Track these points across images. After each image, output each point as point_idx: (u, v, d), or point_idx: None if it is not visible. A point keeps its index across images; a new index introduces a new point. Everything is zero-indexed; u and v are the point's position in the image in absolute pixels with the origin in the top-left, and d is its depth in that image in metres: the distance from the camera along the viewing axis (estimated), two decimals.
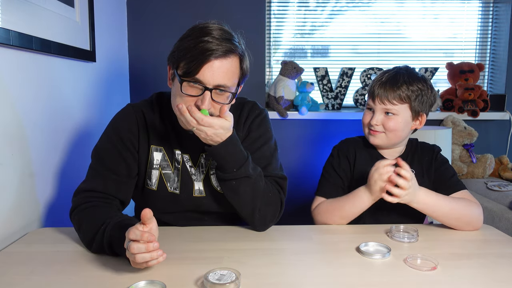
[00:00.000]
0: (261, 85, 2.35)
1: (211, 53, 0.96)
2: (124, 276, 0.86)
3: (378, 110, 1.21)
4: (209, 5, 2.26)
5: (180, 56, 1.00)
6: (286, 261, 0.96)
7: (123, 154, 1.09)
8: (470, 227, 1.14)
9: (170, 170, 1.14)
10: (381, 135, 1.21)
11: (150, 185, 1.14)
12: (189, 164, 1.15)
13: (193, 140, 1.06)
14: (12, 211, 1.12)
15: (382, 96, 1.19)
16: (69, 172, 1.47)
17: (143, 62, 2.26)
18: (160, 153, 1.13)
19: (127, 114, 1.14)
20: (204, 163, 1.15)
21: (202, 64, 0.96)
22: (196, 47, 0.97)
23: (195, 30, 1.01)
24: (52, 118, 1.34)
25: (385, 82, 1.20)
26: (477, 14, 2.53)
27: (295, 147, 2.41)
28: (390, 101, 1.18)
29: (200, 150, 1.13)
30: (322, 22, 2.52)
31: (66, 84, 1.46)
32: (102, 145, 1.13)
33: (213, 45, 0.96)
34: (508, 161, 2.38)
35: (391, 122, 1.19)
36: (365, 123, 1.25)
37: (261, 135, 1.17)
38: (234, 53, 1.01)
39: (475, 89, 2.33)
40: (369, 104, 1.23)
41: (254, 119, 1.18)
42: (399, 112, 1.19)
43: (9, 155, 1.10)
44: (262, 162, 1.13)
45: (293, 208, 2.45)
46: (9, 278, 0.86)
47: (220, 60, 0.98)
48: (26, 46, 1.15)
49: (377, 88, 1.20)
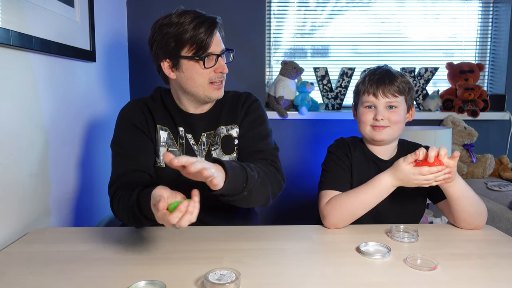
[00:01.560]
0: (261, 85, 2.35)
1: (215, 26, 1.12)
2: (124, 276, 0.86)
3: (381, 104, 1.21)
4: (209, 5, 2.26)
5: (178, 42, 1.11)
6: (286, 261, 0.96)
7: (139, 135, 1.19)
8: (479, 222, 1.15)
9: (175, 147, 1.22)
10: (386, 129, 1.21)
11: (159, 162, 1.21)
12: (191, 142, 1.23)
13: (195, 120, 1.22)
14: (12, 211, 1.12)
15: (385, 90, 1.20)
16: (70, 171, 1.47)
17: (144, 62, 2.26)
18: (165, 132, 1.22)
19: (131, 104, 1.25)
20: (205, 141, 1.23)
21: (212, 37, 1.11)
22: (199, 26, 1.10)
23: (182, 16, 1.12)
24: (52, 118, 1.34)
25: (383, 77, 1.21)
26: (477, 14, 2.53)
27: (295, 147, 2.41)
28: (392, 94, 1.20)
29: (202, 130, 1.23)
30: (322, 22, 2.52)
31: (66, 84, 1.46)
32: (117, 134, 1.21)
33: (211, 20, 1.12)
34: (508, 161, 2.38)
35: (395, 115, 1.21)
36: (366, 121, 1.23)
37: (258, 116, 1.26)
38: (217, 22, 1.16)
39: (475, 89, 2.33)
40: (368, 101, 1.22)
41: (251, 103, 1.27)
42: (399, 104, 1.21)
43: (9, 155, 1.10)
44: (258, 139, 1.22)
45: (293, 208, 2.45)
46: (9, 278, 0.86)
47: (218, 29, 1.15)
48: (26, 46, 1.15)
49: (375, 84, 1.21)
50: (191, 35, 1.10)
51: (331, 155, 1.29)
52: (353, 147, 1.29)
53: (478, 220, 1.15)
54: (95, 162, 1.68)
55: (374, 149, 1.28)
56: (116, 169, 1.16)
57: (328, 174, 1.25)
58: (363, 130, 1.25)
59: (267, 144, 1.23)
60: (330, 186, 1.21)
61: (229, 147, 1.24)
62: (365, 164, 1.27)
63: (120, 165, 1.16)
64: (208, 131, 1.24)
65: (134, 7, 2.25)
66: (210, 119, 1.24)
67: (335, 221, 1.15)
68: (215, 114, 1.25)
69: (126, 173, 1.13)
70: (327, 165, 1.28)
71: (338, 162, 1.26)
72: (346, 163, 1.26)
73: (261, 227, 1.20)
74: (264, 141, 1.23)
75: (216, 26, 1.13)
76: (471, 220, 1.15)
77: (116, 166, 1.17)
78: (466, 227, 1.16)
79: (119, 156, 1.18)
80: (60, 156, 1.40)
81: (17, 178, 1.14)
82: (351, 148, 1.28)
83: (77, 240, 1.06)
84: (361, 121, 1.25)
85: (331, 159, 1.28)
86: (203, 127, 1.23)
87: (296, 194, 2.38)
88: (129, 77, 2.28)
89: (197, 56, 1.12)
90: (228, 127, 1.24)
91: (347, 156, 1.27)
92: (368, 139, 1.26)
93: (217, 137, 1.23)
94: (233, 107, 1.26)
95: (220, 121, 1.24)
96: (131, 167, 1.14)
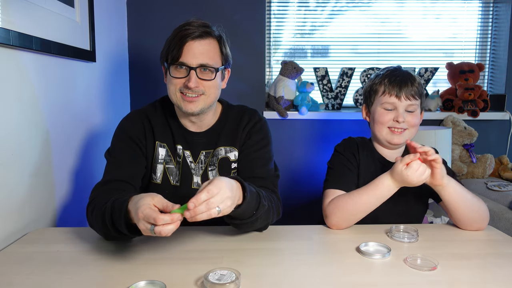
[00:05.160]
0: (261, 85, 2.35)
1: (187, 35, 1.08)
2: (124, 276, 0.86)
3: (402, 107, 1.19)
4: (209, 5, 2.26)
5: (165, 50, 1.12)
6: (286, 261, 0.96)
7: (133, 148, 1.17)
8: (480, 224, 1.15)
9: (172, 164, 1.20)
10: (405, 132, 1.20)
11: (155, 179, 1.21)
12: (189, 160, 1.20)
13: (194, 137, 1.19)
14: (12, 211, 1.12)
15: (407, 92, 1.18)
16: (69, 171, 1.47)
17: (144, 62, 2.26)
18: (164, 148, 1.20)
19: (132, 116, 1.22)
20: (203, 160, 1.21)
21: (182, 46, 1.08)
22: (176, 36, 1.10)
23: (175, 28, 1.13)
24: (52, 118, 1.34)
25: (405, 79, 1.19)
26: (477, 14, 2.53)
27: (295, 147, 2.41)
28: (413, 96, 1.19)
29: (200, 148, 1.20)
30: (322, 22, 2.52)
31: (66, 84, 1.46)
32: (113, 145, 1.20)
33: (190, 30, 1.09)
34: (508, 161, 2.38)
35: (414, 118, 1.20)
36: (385, 122, 1.20)
37: (261, 139, 1.21)
38: (211, 35, 1.12)
39: (475, 89, 2.33)
40: (389, 102, 1.19)
41: (255, 124, 1.22)
42: (417, 107, 1.21)
43: (9, 155, 1.10)
44: (259, 162, 1.18)
45: (293, 208, 2.45)
46: (9, 278, 0.86)
47: (198, 41, 1.09)
48: (26, 46, 1.15)
49: (398, 85, 1.18)
50: (170, 42, 1.11)
51: (339, 155, 1.27)
52: (361, 148, 1.27)
53: (476, 223, 1.15)
54: (95, 162, 1.68)
55: (382, 151, 1.27)
56: (104, 177, 1.15)
57: (334, 173, 1.23)
58: (379, 132, 1.22)
59: (268, 170, 1.19)
60: (335, 185, 1.20)
61: (225, 170, 1.20)
62: (372, 166, 1.25)
63: (108, 173, 1.14)
64: (207, 149, 1.20)
65: (134, 7, 2.24)
66: (210, 136, 1.20)
67: (337, 222, 1.14)
68: (216, 132, 1.21)
69: (112, 181, 1.11)
70: (334, 164, 1.26)
71: (345, 162, 1.24)
72: (353, 163, 1.24)
73: None
74: (266, 166, 1.19)
75: (199, 36, 1.09)
76: (469, 223, 1.14)
77: (105, 174, 1.16)
78: (466, 228, 1.16)
79: (109, 164, 1.16)
80: (60, 156, 1.40)
81: (17, 178, 1.14)
82: (360, 149, 1.26)
83: (77, 240, 1.06)
84: (378, 122, 1.21)
85: (338, 158, 1.26)
86: (202, 145, 1.20)
87: (296, 194, 2.38)
88: (129, 77, 2.28)
89: (169, 64, 1.11)
90: (227, 149, 1.20)
91: (355, 156, 1.25)
92: (383, 141, 1.23)
93: (215, 158, 1.20)
94: (234, 127, 1.21)
95: (219, 141, 1.20)
96: (118, 176, 1.12)
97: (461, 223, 1.15)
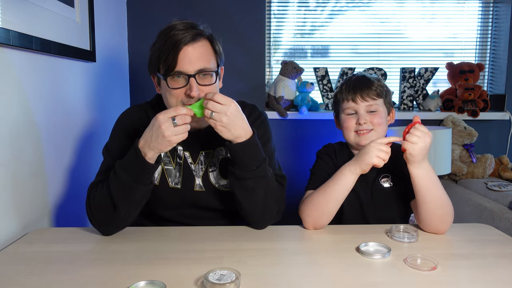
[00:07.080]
0: (261, 85, 2.35)
1: (179, 41, 1.02)
2: (124, 276, 0.86)
3: (361, 109, 1.23)
4: (209, 5, 2.26)
5: (155, 59, 1.07)
6: (286, 261, 0.96)
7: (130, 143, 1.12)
8: (444, 224, 1.10)
9: (171, 166, 1.17)
10: (371, 133, 1.23)
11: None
12: (189, 161, 1.18)
13: (193, 138, 1.11)
14: (12, 211, 1.12)
15: (363, 94, 1.22)
16: (69, 171, 1.47)
17: (143, 62, 2.23)
18: None
19: (131, 112, 1.21)
20: (203, 161, 1.18)
21: (176, 54, 1.02)
22: (166, 43, 1.03)
23: (160, 34, 1.07)
24: (52, 118, 1.34)
25: (359, 83, 1.25)
26: (477, 14, 2.53)
27: (295, 147, 2.41)
28: (370, 97, 1.23)
29: (200, 148, 1.18)
30: (322, 22, 2.52)
31: (66, 84, 1.46)
32: (111, 142, 1.18)
33: (180, 35, 1.03)
34: (508, 161, 2.38)
35: (377, 117, 1.23)
36: (350, 127, 1.25)
37: (263, 134, 1.19)
38: (202, 36, 1.07)
39: (475, 89, 2.33)
40: (349, 107, 1.24)
41: (256, 119, 1.20)
42: (379, 107, 1.24)
43: (9, 155, 1.10)
44: None
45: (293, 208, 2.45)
46: (9, 278, 0.86)
47: (191, 46, 1.04)
48: (26, 46, 1.15)
49: (353, 90, 1.23)
50: (160, 52, 1.04)
51: (318, 159, 1.34)
52: (339, 152, 1.33)
53: (442, 223, 1.10)
54: (95, 162, 1.68)
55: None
56: (99, 175, 1.14)
57: (313, 176, 1.30)
58: (348, 137, 1.27)
59: (274, 168, 1.17)
60: (311, 187, 1.25)
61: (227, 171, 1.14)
62: None
63: (103, 172, 1.13)
64: (206, 149, 1.18)
65: (134, 7, 2.25)
66: (209, 136, 1.13)
67: (310, 221, 1.14)
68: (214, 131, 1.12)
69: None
70: (313, 168, 1.33)
71: (323, 165, 1.31)
72: (330, 166, 1.30)
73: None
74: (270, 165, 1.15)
75: (192, 40, 1.03)
76: (435, 221, 1.09)
77: (99, 171, 1.16)
78: (427, 227, 1.11)
79: (104, 164, 1.16)
80: (60, 155, 1.40)
81: (17, 178, 1.14)
82: (337, 153, 1.33)
83: (77, 240, 1.06)
84: (344, 128, 1.27)
85: (317, 162, 1.34)
86: (202, 145, 1.17)
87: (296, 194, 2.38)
88: (129, 77, 2.28)
89: (164, 75, 1.05)
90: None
91: (332, 160, 1.31)
92: (354, 145, 1.27)
93: (215, 158, 1.18)
94: None
95: (219, 141, 1.10)
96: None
97: (425, 220, 1.11)
